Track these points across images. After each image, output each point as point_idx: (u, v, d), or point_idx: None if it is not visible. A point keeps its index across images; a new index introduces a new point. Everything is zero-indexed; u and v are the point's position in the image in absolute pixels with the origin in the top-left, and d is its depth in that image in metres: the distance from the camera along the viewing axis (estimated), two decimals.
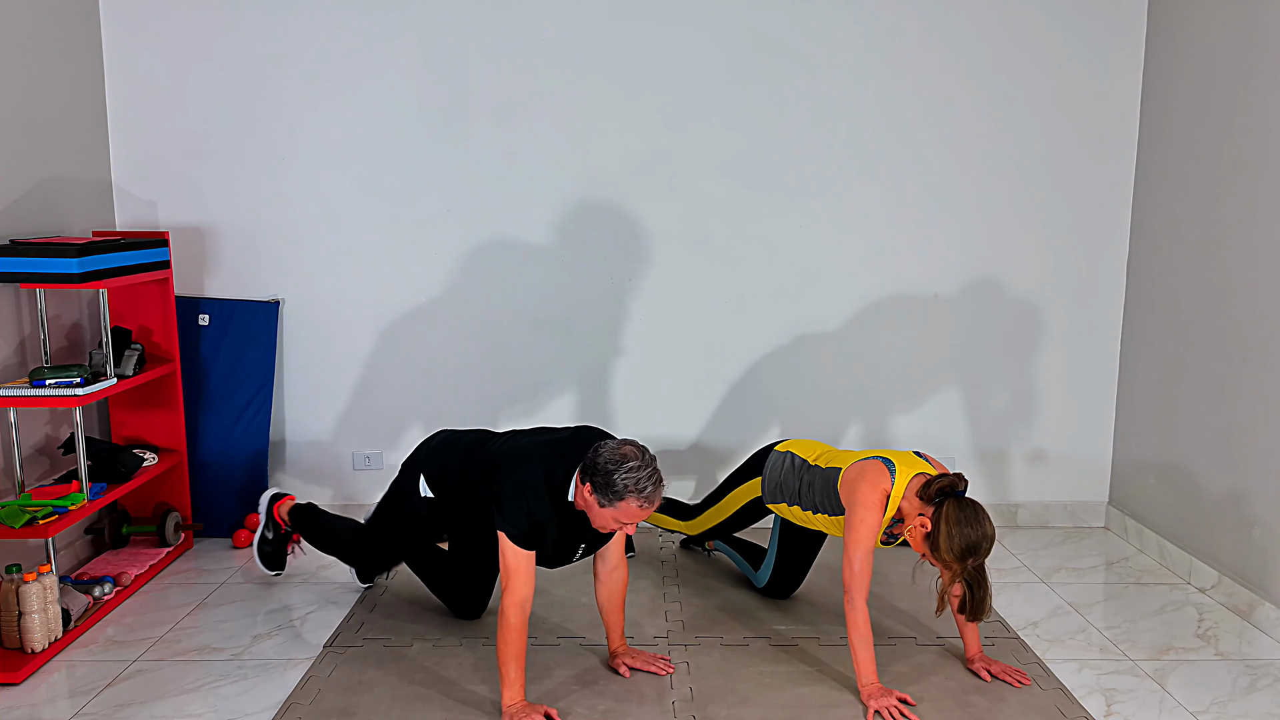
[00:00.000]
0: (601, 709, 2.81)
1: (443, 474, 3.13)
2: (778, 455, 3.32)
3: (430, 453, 3.21)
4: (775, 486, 3.26)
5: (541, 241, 4.18)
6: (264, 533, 3.64)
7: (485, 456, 2.99)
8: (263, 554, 3.64)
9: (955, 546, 2.69)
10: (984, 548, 2.72)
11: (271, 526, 3.65)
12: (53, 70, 3.68)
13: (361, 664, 3.06)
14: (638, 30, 4.06)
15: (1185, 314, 3.85)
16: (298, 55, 4.04)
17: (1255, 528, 3.44)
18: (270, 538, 3.65)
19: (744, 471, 3.44)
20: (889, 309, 4.26)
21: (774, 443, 3.44)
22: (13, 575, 3.05)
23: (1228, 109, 3.60)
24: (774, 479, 3.27)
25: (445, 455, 3.16)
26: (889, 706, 2.76)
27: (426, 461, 3.20)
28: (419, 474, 3.19)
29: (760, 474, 3.33)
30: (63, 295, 3.74)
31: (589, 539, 2.89)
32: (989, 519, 2.74)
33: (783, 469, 3.26)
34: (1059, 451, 4.37)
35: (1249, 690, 2.96)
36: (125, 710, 2.81)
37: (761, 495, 3.32)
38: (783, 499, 3.24)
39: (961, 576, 2.75)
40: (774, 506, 3.29)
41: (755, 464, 3.40)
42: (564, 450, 2.82)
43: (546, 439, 2.91)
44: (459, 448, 3.14)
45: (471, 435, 3.19)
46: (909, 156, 4.17)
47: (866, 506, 2.85)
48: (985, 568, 2.80)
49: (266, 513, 3.66)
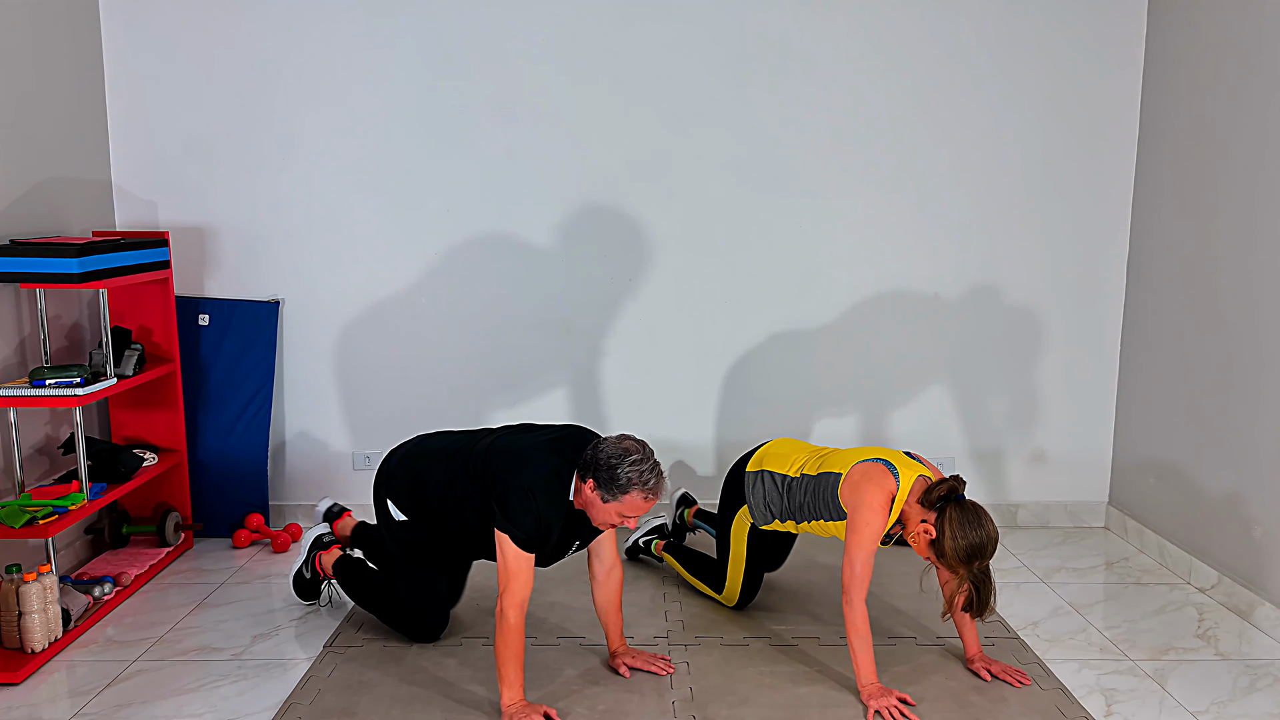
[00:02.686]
0: (601, 709, 2.81)
1: (413, 489, 3.05)
2: (752, 477, 3.23)
3: (391, 475, 3.12)
4: (763, 510, 3.20)
5: (542, 242, 4.18)
6: (301, 568, 3.46)
7: (476, 457, 2.93)
8: (298, 583, 3.46)
9: (961, 551, 2.71)
10: (989, 550, 2.74)
11: (310, 569, 3.46)
12: (53, 70, 3.69)
13: (361, 664, 3.06)
14: (638, 30, 4.06)
15: (1185, 314, 3.85)
16: (298, 55, 4.05)
17: (1255, 528, 3.44)
18: (308, 576, 3.46)
19: (728, 504, 3.34)
20: (889, 309, 4.26)
21: (742, 462, 3.33)
22: (13, 575, 3.05)
23: (1228, 109, 3.60)
24: (759, 504, 3.20)
25: (412, 468, 3.08)
26: (889, 706, 2.76)
27: (389, 485, 3.11)
28: (385, 500, 3.12)
29: (744, 501, 3.26)
30: (63, 295, 3.74)
31: (583, 536, 2.90)
32: (991, 521, 2.75)
33: (765, 491, 3.19)
34: (1059, 451, 4.37)
35: (1249, 690, 2.96)
36: (125, 710, 2.81)
37: (754, 521, 3.25)
38: (774, 518, 3.20)
39: (968, 579, 2.77)
40: (768, 528, 3.24)
41: (735, 491, 3.31)
42: (561, 448, 2.82)
43: (543, 438, 2.89)
44: (427, 455, 3.07)
45: (436, 441, 3.12)
46: (909, 157, 4.17)
47: (873, 509, 2.85)
48: (990, 568, 2.81)
49: (308, 554, 3.45)
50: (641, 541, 3.84)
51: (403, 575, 3.16)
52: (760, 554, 3.35)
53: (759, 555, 3.35)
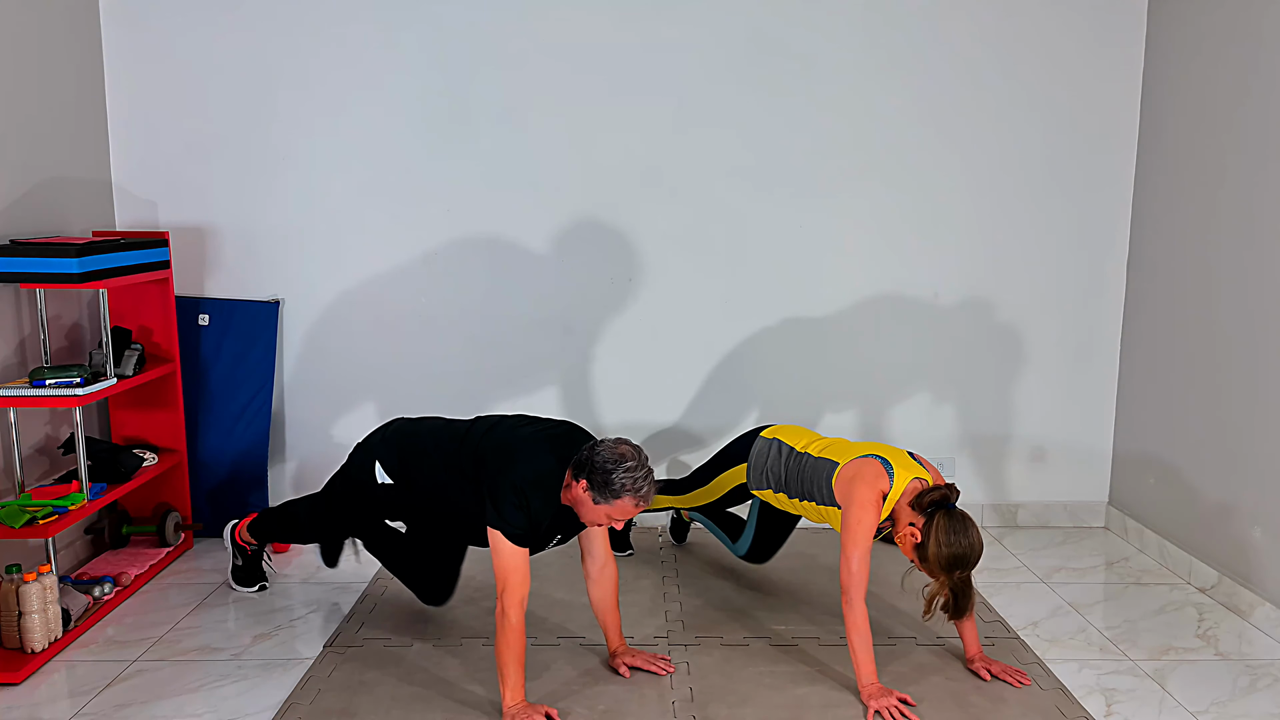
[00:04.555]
0: (601, 709, 2.81)
1: (403, 462, 3.08)
2: (764, 442, 3.30)
3: (386, 441, 3.15)
4: (760, 473, 3.26)
5: (541, 242, 4.18)
6: (234, 561, 3.61)
7: (471, 447, 2.93)
8: (236, 576, 3.62)
9: (944, 559, 2.75)
10: (971, 561, 2.77)
11: (239, 553, 3.60)
12: (53, 70, 3.68)
13: (361, 664, 3.06)
14: (638, 32, 4.06)
15: (1185, 314, 3.85)
16: (298, 56, 4.04)
17: (1255, 528, 3.44)
18: (241, 564, 3.61)
19: (730, 456, 3.42)
20: (889, 308, 4.26)
21: (759, 428, 3.43)
22: (13, 575, 3.05)
23: (1228, 109, 3.60)
24: (759, 466, 3.27)
25: (405, 444, 3.10)
26: (889, 706, 2.77)
27: (381, 449, 3.14)
28: (374, 460, 3.13)
29: (745, 460, 3.32)
30: (63, 295, 3.74)
31: (565, 530, 2.92)
32: (978, 533, 2.79)
33: (769, 456, 3.25)
34: (1059, 451, 4.37)
35: (1249, 690, 2.96)
36: (125, 710, 2.81)
37: (746, 481, 3.31)
38: (768, 485, 3.24)
39: (948, 586, 2.80)
40: (758, 493, 3.30)
41: (741, 449, 3.38)
42: (555, 446, 2.83)
43: (537, 435, 2.89)
44: (420, 436, 3.10)
45: (430, 423, 3.16)
46: (909, 156, 4.17)
47: (864, 507, 2.86)
48: (971, 578, 2.83)
49: (230, 542, 3.60)
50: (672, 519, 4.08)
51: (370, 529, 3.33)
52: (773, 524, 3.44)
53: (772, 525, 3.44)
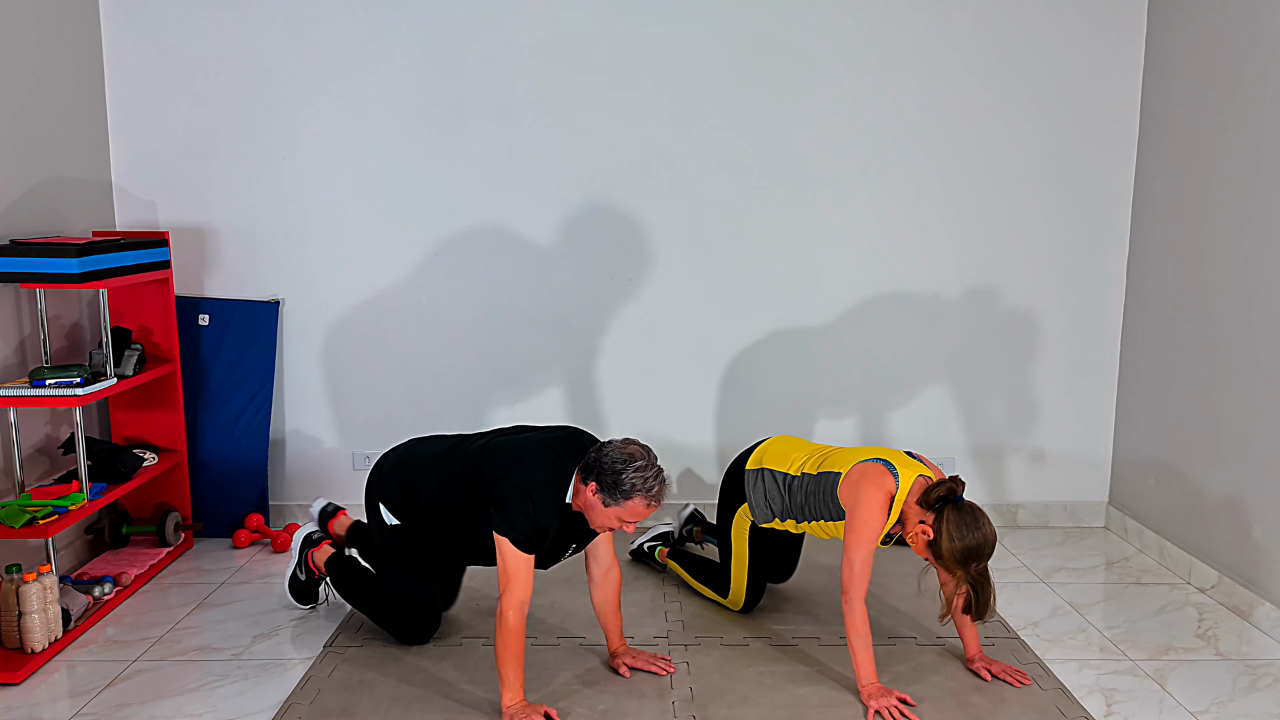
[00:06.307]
0: (601, 709, 2.81)
1: (405, 494, 3.04)
2: (751, 475, 3.23)
3: (384, 479, 3.10)
4: (763, 508, 3.19)
5: (541, 241, 4.18)
6: (295, 572, 3.45)
7: (470, 460, 2.91)
8: (293, 587, 3.45)
9: (958, 552, 2.71)
10: (986, 552, 2.74)
11: (305, 570, 3.45)
12: (53, 70, 3.68)
13: (361, 664, 3.06)
14: (638, 30, 4.06)
15: (1185, 314, 3.85)
16: (298, 55, 4.04)
17: (1255, 527, 3.44)
18: (302, 579, 3.45)
19: (727, 503, 3.33)
20: (889, 308, 4.26)
21: (741, 460, 3.32)
22: (13, 575, 3.05)
23: (1228, 109, 3.60)
24: (759, 502, 3.20)
25: (404, 473, 3.06)
26: (889, 706, 2.76)
27: (381, 490, 3.10)
28: (378, 504, 3.10)
29: (743, 499, 3.25)
30: (63, 295, 3.74)
31: (580, 538, 2.90)
32: (989, 522, 2.75)
33: (764, 489, 3.18)
34: (1059, 451, 4.37)
35: (1249, 690, 2.96)
36: (125, 710, 2.81)
37: (754, 519, 3.25)
38: (774, 517, 3.19)
39: (966, 580, 2.76)
40: (768, 526, 3.24)
41: (734, 490, 3.30)
42: (560, 450, 2.82)
43: (539, 439, 2.88)
44: (418, 461, 3.05)
45: (427, 446, 3.11)
46: (910, 156, 4.17)
47: (871, 509, 2.85)
48: (989, 570, 2.81)
49: (300, 556, 3.43)
50: (646, 547, 3.83)
51: (394, 578, 3.15)
52: (763, 554, 3.34)
53: (762, 555, 3.33)
